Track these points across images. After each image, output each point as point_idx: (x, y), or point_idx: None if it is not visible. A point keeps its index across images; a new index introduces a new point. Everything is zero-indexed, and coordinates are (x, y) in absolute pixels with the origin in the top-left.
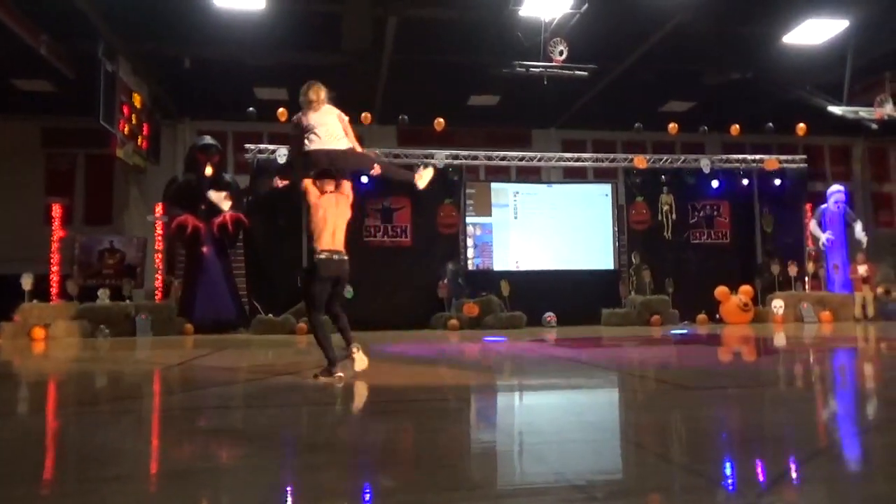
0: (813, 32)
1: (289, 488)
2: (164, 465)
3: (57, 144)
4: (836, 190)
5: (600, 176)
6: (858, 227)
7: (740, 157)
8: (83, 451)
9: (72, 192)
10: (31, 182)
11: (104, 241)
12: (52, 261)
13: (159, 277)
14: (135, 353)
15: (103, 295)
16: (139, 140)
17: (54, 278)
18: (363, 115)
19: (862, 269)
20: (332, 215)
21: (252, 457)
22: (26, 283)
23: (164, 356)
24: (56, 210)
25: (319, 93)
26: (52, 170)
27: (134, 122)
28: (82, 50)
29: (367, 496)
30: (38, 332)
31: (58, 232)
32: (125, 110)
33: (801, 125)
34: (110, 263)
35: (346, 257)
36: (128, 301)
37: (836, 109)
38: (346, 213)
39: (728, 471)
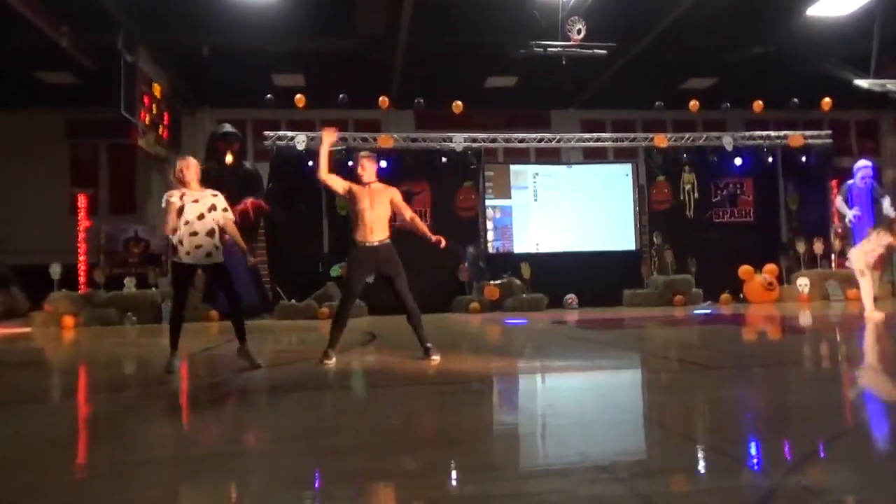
0: (838, 3)
1: (315, 471)
2: (194, 450)
3: (80, 135)
4: (863, 165)
5: (620, 156)
6: (886, 203)
7: (764, 133)
8: (115, 436)
9: (96, 182)
10: (57, 173)
11: (129, 230)
12: (79, 250)
13: None
14: (161, 340)
15: (130, 283)
16: (160, 129)
17: (82, 267)
18: (380, 99)
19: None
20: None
21: (278, 440)
22: (55, 272)
23: (190, 342)
24: (81, 200)
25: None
26: (77, 160)
27: (154, 111)
28: (102, 41)
29: (393, 478)
30: (68, 321)
31: (84, 222)
32: (146, 100)
33: (827, 100)
34: (135, 252)
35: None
36: (153, 289)
37: (862, 83)
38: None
39: (753, 450)
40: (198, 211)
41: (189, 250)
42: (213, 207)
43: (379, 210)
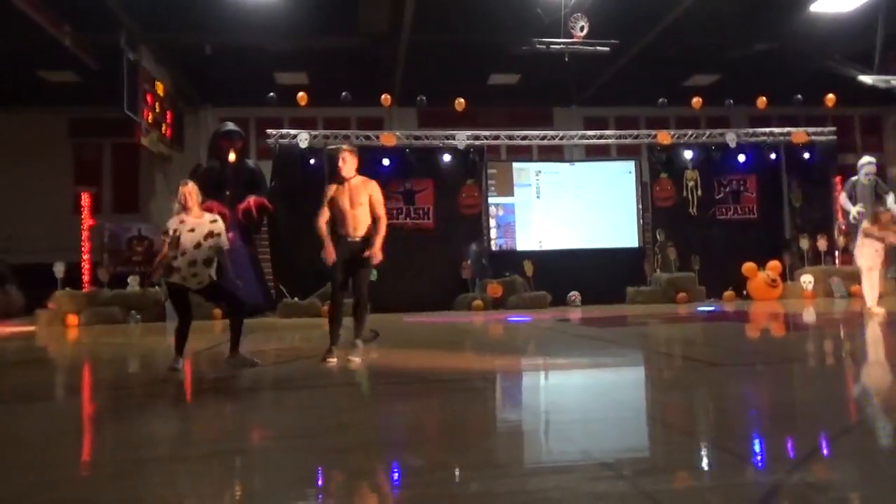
0: None
1: (318, 469)
2: (197, 448)
3: (83, 134)
4: (867, 161)
5: (623, 153)
6: (890, 200)
7: (767, 130)
8: (118, 434)
9: (99, 180)
10: (60, 172)
11: (132, 228)
12: (82, 249)
13: None
14: (165, 339)
15: (133, 282)
16: (163, 128)
17: (85, 266)
18: (383, 97)
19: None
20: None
21: (281, 438)
22: (59, 271)
23: (194, 341)
24: (85, 199)
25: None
26: (80, 159)
27: (157, 110)
28: (105, 40)
29: (397, 475)
30: (72, 319)
31: (87, 220)
32: (149, 99)
33: (830, 96)
34: (139, 251)
35: None
36: (157, 287)
37: (866, 79)
38: None
39: (756, 447)
40: (195, 240)
41: (185, 277)
42: (210, 235)
43: (359, 208)
